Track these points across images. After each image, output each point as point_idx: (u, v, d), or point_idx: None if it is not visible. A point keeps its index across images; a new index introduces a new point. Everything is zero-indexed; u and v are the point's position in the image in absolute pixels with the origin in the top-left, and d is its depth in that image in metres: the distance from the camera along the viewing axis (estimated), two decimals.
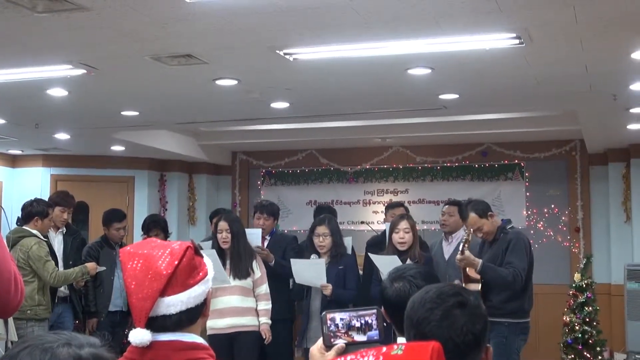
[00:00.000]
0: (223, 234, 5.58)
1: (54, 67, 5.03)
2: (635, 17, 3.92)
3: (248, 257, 5.56)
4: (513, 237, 5.26)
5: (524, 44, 4.38)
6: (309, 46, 4.53)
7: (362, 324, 2.05)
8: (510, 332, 5.15)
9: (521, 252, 5.16)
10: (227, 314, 5.49)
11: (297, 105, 6.50)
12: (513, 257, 5.13)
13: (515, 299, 5.16)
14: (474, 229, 5.28)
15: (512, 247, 5.17)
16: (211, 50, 4.61)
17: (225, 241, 5.56)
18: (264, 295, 5.57)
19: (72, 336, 1.26)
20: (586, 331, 7.61)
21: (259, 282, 5.59)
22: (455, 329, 1.74)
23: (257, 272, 5.58)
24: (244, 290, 5.53)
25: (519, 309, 5.19)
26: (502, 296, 5.15)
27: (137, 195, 9.78)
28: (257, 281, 5.58)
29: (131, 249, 1.82)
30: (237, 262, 5.53)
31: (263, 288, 5.58)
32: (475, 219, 5.28)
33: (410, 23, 4.03)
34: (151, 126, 7.91)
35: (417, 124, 8.30)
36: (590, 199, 9.00)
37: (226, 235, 5.56)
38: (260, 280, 5.59)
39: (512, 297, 5.15)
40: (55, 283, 5.90)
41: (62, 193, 6.72)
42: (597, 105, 6.27)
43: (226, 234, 5.56)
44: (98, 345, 1.27)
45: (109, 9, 3.76)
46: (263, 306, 5.57)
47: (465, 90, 5.90)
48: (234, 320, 5.49)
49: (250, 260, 5.57)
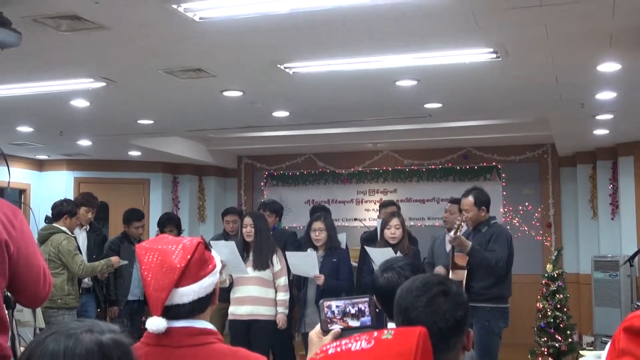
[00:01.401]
0: (247, 229, 5.58)
1: (76, 81, 5.03)
2: (600, 34, 3.94)
3: (269, 251, 5.55)
4: (496, 229, 5.27)
5: (500, 58, 4.39)
6: (307, 61, 4.53)
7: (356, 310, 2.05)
8: (492, 316, 5.15)
9: (503, 243, 5.18)
10: (246, 302, 5.48)
11: (296, 113, 6.50)
12: (496, 246, 5.14)
13: (496, 285, 5.16)
14: (463, 209, 5.26)
15: (495, 237, 5.19)
16: (219, 65, 4.61)
17: (249, 235, 5.56)
18: (282, 287, 5.55)
19: (94, 323, 1.26)
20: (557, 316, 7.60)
21: (279, 275, 5.56)
22: (439, 315, 1.74)
23: (276, 265, 5.56)
24: (263, 281, 5.51)
25: (499, 295, 5.19)
26: (484, 283, 5.15)
27: (152, 195, 9.78)
28: (276, 273, 5.55)
29: (147, 245, 1.82)
30: (259, 255, 5.52)
31: (282, 280, 5.56)
32: (470, 203, 5.26)
33: (397, 40, 4.03)
34: (164, 133, 7.91)
35: (405, 131, 8.31)
36: (561, 197, 9.02)
37: (250, 230, 5.55)
38: (279, 273, 5.56)
39: (493, 284, 5.15)
40: (83, 274, 5.90)
41: (87, 194, 6.71)
42: (567, 113, 6.28)
43: (250, 228, 5.56)
44: (118, 331, 1.27)
45: (126, 28, 3.76)
46: (281, 297, 5.53)
47: (447, 100, 5.90)
48: (251, 309, 5.48)
49: (271, 254, 5.56)
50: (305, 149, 9.61)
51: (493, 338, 5.16)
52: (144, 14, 3.54)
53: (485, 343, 5.11)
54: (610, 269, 7.94)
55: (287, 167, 10.07)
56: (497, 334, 5.18)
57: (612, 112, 6.21)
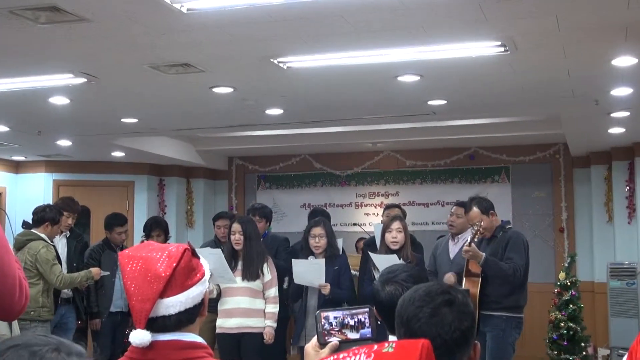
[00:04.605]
0: (236, 236, 5.56)
1: (55, 76, 5.02)
2: (614, 26, 3.94)
3: (259, 260, 5.54)
4: (513, 235, 5.30)
5: (508, 52, 4.40)
6: (302, 55, 4.53)
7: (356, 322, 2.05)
8: (507, 326, 5.20)
9: (520, 250, 5.21)
10: (235, 314, 5.48)
11: (291, 111, 6.50)
12: (513, 253, 5.18)
13: (512, 294, 5.21)
14: (474, 223, 5.29)
15: (512, 244, 5.22)
16: (208, 59, 4.61)
17: (237, 243, 5.55)
18: (272, 299, 5.54)
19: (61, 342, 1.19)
20: (571, 328, 7.62)
21: (269, 285, 5.55)
22: (443, 326, 1.74)
23: (267, 275, 5.55)
24: (253, 291, 5.51)
25: (515, 304, 5.25)
26: (501, 291, 5.19)
27: (137, 199, 9.77)
28: (267, 284, 5.54)
29: (130, 252, 1.82)
30: (248, 264, 5.50)
31: (272, 291, 5.55)
32: (477, 213, 5.30)
33: (399, 32, 4.04)
34: (150, 133, 7.90)
35: (407, 129, 8.31)
36: (574, 200, 9.03)
37: (239, 237, 5.54)
38: (270, 283, 5.55)
39: (510, 292, 5.20)
40: (61, 286, 5.91)
41: (67, 199, 6.71)
42: (580, 110, 6.29)
43: (239, 235, 5.54)
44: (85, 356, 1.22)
45: (109, 20, 3.76)
46: (270, 309, 5.52)
47: (452, 97, 5.91)
48: (241, 321, 5.47)
49: (262, 262, 5.55)
50: (300, 149, 9.61)
51: (507, 348, 5.22)
52: (127, 5, 3.54)
53: (498, 353, 5.15)
54: (627, 276, 7.95)
55: (281, 169, 10.08)
56: (511, 345, 5.23)
57: (629, 109, 6.22)
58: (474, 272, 5.25)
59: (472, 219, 5.32)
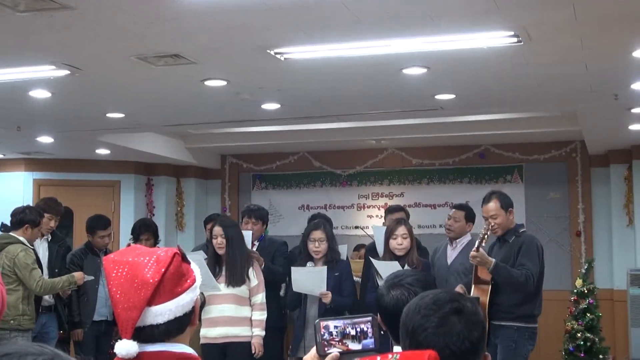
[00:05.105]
0: (218, 240, 5.56)
1: (36, 68, 5.02)
2: (636, 15, 3.94)
3: (244, 264, 5.53)
4: (526, 240, 5.29)
5: (522, 43, 4.40)
6: (301, 45, 4.53)
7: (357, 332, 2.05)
8: (520, 337, 5.19)
9: (534, 256, 5.20)
10: (219, 323, 5.47)
11: (289, 106, 6.50)
12: (526, 259, 5.16)
13: (526, 303, 5.20)
14: (489, 216, 5.28)
15: (525, 249, 5.21)
16: (199, 50, 4.60)
17: (220, 247, 5.55)
18: (259, 305, 5.53)
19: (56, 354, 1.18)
20: (588, 338, 7.63)
21: (255, 291, 5.54)
22: (451, 337, 1.74)
23: (253, 280, 5.55)
24: (239, 298, 5.50)
25: (529, 313, 5.24)
26: (513, 300, 5.18)
27: (123, 200, 9.77)
28: (253, 289, 5.54)
29: (115, 257, 1.81)
30: (232, 269, 5.50)
31: (259, 297, 5.54)
32: (496, 207, 5.29)
33: (404, 21, 4.04)
34: (137, 129, 7.90)
35: (413, 125, 8.31)
36: (592, 201, 9.03)
37: (221, 241, 5.54)
38: (256, 289, 5.55)
39: (523, 301, 5.19)
40: (42, 292, 5.89)
41: (49, 200, 6.70)
42: (598, 106, 6.29)
43: (221, 239, 5.55)
44: None
45: (94, 7, 3.76)
46: (257, 316, 5.51)
47: (462, 91, 5.91)
48: (226, 330, 5.47)
49: (247, 267, 5.54)
50: (298, 146, 9.61)
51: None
52: None
53: None
54: None
55: (278, 168, 10.07)
56: (523, 357, 5.24)
57: None
58: (483, 279, 5.25)
59: (488, 212, 5.30)
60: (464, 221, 6.06)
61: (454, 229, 6.05)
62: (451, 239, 6.07)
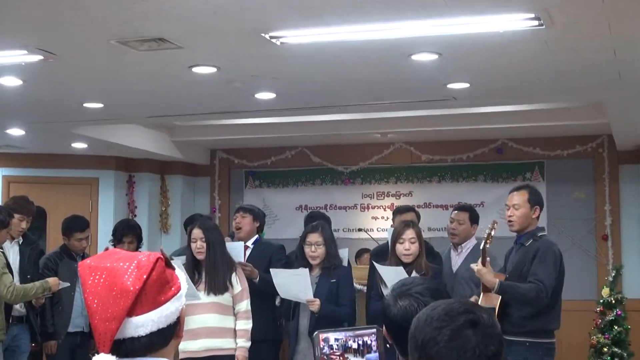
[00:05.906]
0: (197, 243, 5.58)
1: (6, 53, 5.02)
2: None
3: (226, 270, 5.54)
4: (542, 246, 5.20)
5: (543, 26, 4.39)
6: (299, 28, 4.53)
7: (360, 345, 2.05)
8: (532, 354, 5.14)
9: (549, 264, 5.13)
10: (201, 335, 5.47)
11: (285, 96, 6.50)
12: (539, 268, 5.09)
13: (539, 315, 5.15)
14: (512, 204, 5.27)
15: (539, 257, 5.14)
16: (186, 33, 4.60)
17: (200, 251, 5.56)
18: (243, 313, 5.54)
19: None
20: (616, 353, 7.64)
21: (239, 298, 5.56)
22: (466, 352, 1.74)
23: (236, 287, 5.56)
24: (222, 307, 5.52)
25: (542, 327, 5.17)
26: (525, 312, 5.14)
27: (102, 199, 9.77)
28: (236, 296, 5.56)
29: (92, 263, 1.81)
30: (213, 275, 5.51)
31: (243, 305, 5.56)
32: (523, 199, 5.28)
33: (413, 2, 4.03)
34: (118, 120, 7.90)
35: (422, 118, 8.32)
36: (620, 202, 9.04)
37: (201, 245, 5.56)
38: (240, 296, 5.56)
39: (536, 314, 5.14)
40: (13, 299, 5.88)
41: (20, 199, 6.70)
42: (628, 96, 6.30)
43: (201, 243, 5.56)
44: None
45: None
46: (241, 326, 5.53)
47: (476, 79, 5.92)
48: (208, 342, 5.48)
49: (229, 273, 5.55)
50: (296, 140, 9.62)
51: None
52: None
53: None
54: None
55: (273, 164, 10.08)
56: None
57: None
58: None
59: (512, 201, 5.30)
60: (469, 223, 6.07)
61: (459, 233, 6.05)
62: (455, 244, 6.06)
